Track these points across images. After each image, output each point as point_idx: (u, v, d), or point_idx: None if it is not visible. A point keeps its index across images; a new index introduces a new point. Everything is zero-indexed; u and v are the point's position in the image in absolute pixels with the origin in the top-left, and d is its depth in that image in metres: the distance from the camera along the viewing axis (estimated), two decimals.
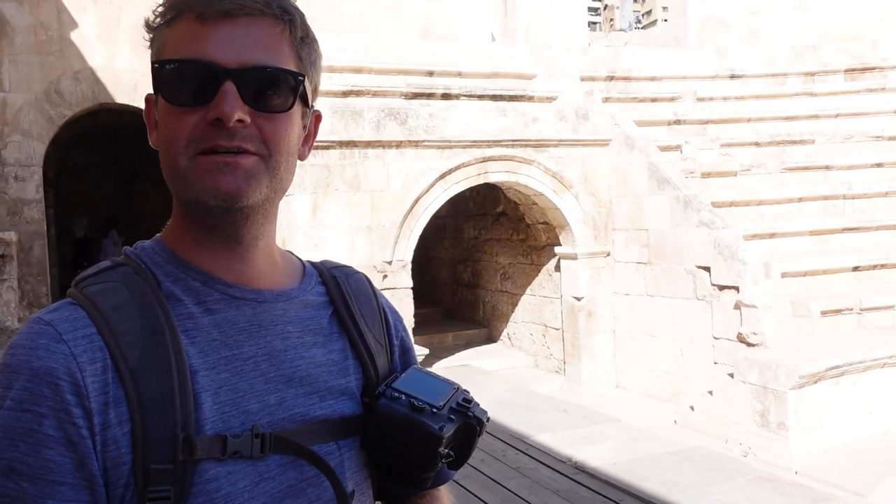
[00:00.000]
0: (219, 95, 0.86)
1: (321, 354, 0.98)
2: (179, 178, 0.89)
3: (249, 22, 0.89)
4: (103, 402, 0.81)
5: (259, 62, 0.89)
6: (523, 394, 6.67)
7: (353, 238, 8.11)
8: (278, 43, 0.91)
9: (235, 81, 0.87)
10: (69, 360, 0.81)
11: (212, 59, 0.87)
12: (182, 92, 0.88)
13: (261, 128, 0.89)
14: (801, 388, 6.67)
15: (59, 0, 9.11)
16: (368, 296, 1.11)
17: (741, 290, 7.58)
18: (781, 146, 10.73)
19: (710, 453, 5.05)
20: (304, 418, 0.93)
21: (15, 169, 8.89)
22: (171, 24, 0.91)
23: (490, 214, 11.51)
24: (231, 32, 0.88)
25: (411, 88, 9.63)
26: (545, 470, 4.48)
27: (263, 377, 0.91)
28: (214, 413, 0.86)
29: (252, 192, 0.89)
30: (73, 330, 0.83)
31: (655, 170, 8.77)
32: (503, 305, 11.36)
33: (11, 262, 8.19)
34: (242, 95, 0.87)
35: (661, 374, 8.78)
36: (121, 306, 0.86)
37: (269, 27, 0.91)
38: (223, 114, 0.86)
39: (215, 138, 0.87)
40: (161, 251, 0.94)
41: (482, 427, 1.01)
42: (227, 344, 0.90)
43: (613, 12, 60.89)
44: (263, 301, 0.95)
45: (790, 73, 12.11)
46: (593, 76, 11.18)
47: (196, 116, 0.87)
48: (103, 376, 0.82)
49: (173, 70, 0.88)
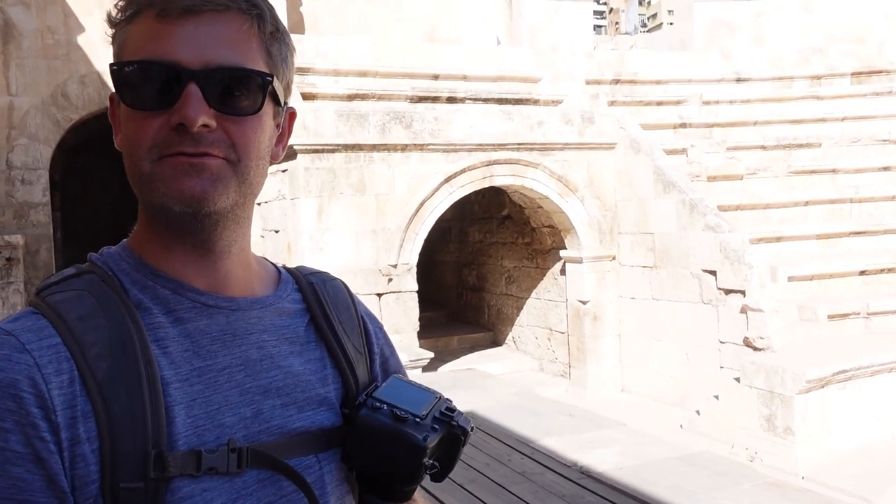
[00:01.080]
0: (182, 98, 0.81)
1: (298, 363, 0.94)
2: (144, 183, 0.84)
3: (214, 18, 0.83)
4: (71, 417, 0.76)
5: (225, 62, 0.83)
6: (528, 397, 6.66)
7: (359, 241, 8.10)
8: (245, 40, 0.86)
9: (199, 83, 0.82)
10: (33, 371, 0.75)
11: (174, 60, 0.82)
12: (143, 95, 0.83)
13: (228, 131, 0.84)
14: (808, 392, 6.64)
15: (66, 4, 9.14)
16: (346, 303, 1.06)
17: (747, 294, 7.55)
18: (788, 150, 10.70)
19: (716, 458, 5.03)
20: (282, 431, 0.89)
21: (22, 172, 8.92)
22: (132, 21, 0.85)
23: (495, 218, 11.50)
24: (194, 30, 0.83)
25: (416, 92, 9.64)
26: (550, 474, 4.46)
27: (239, 388, 0.87)
28: (188, 427, 0.81)
29: (219, 195, 0.84)
30: (38, 340, 0.78)
31: (661, 173, 8.75)
32: (508, 309, 11.34)
33: (18, 264, 8.21)
34: (207, 98, 0.82)
35: (667, 379, 8.75)
36: (87, 316, 0.81)
37: (236, 23, 0.85)
38: (186, 119, 0.81)
39: (179, 144, 0.82)
40: (128, 257, 0.89)
41: (466, 436, 0.97)
42: (199, 354, 0.86)
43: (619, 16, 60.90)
44: (237, 309, 0.91)
45: (796, 77, 12.09)
46: (599, 79, 11.18)
47: (158, 121, 0.82)
48: (70, 389, 0.77)
49: (133, 72, 0.83)
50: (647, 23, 57.61)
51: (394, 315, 8.23)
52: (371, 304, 8.08)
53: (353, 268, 8.01)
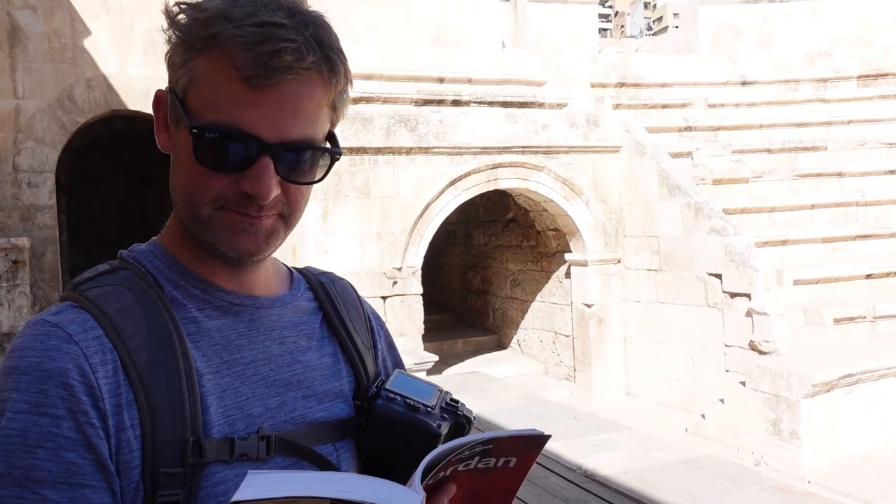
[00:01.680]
0: (255, 169, 0.85)
1: (315, 358, 0.99)
2: (199, 223, 0.89)
3: (295, 87, 0.85)
4: (116, 405, 0.80)
5: (300, 137, 0.86)
6: (533, 401, 6.65)
7: (363, 244, 8.11)
8: (320, 107, 0.88)
9: (273, 156, 0.85)
10: (82, 361, 0.80)
11: (253, 133, 0.84)
12: (218, 159, 0.85)
13: (288, 193, 0.89)
14: (814, 396, 6.61)
15: (73, 8, 9.18)
16: (354, 301, 1.11)
17: (753, 297, 7.53)
18: (793, 153, 10.67)
19: (721, 462, 5.01)
20: (305, 420, 0.94)
21: (28, 175, 8.95)
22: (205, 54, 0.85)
23: (500, 221, 11.50)
24: (277, 101, 0.84)
25: (422, 95, 9.64)
26: (555, 478, 4.45)
27: (264, 381, 0.92)
28: (220, 416, 0.86)
29: (270, 249, 0.92)
30: (83, 331, 0.82)
31: (666, 176, 8.74)
32: (513, 312, 11.33)
33: (24, 267, 8.24)
34: (278, 170, 0.86)
35: (672, 382, 8.73)
36: (126, 309, 0.85)
37: (317, 94, 0.87)
38: (259, 194, 0.85)
39: (245, 206, 0.87)
40: (161, 256, 0.94)
41: (470, 425, 1.02)
42: (228, 348, 0.91)
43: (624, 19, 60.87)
44: (260, 307, 0.96)
45: (802, 79, 12.07)
46: (604, 83, 11.17)
47: (228, 179, 0.86)
48: (115, 378, 0.81)
49: (214, 139, 0.85)
50: (653, 26, 57.55)
51: (398, 318, 8.23)
52: (376, 307, 8.03)
53: (358, 270, 8.02)
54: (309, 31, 0.84)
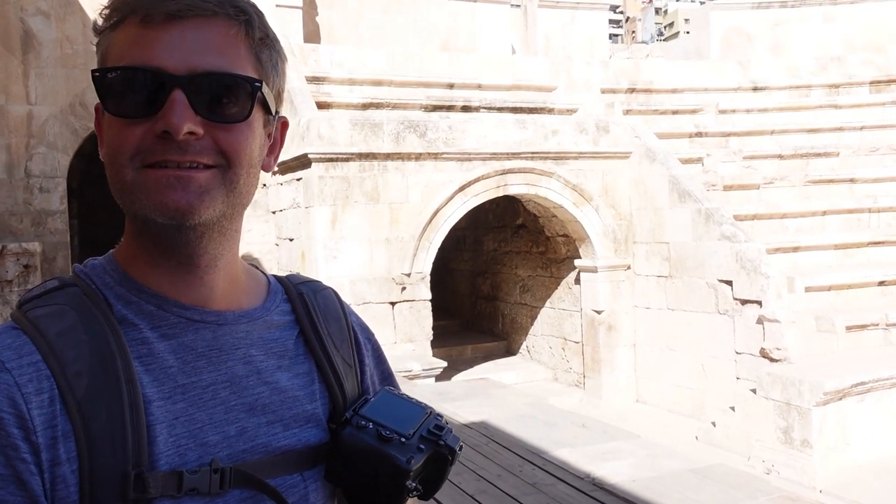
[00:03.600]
0: (167, 105, 0.78)
1: (286, 379, 0.91)
2: (126, 193, 0.82)
3: (200, 24, 0.81)
4: (51, 437, 0.75)
5: (211, 67, 0.80)
6: (542, 408, 6.61)
7: (372, 250, 8.11)
8: (233, 46, 0.83)
9: (185, 90, 0.79)
10: (13, 391, 0.74)
11: (158, 66, 0.79)
12: (126, 102, 0.80)
13: (216, 139, 0.81)
14: (826, 404, 6.56)
15: (85, 14, 9.25)
16: (337, 314, 1.03)
17: (764, 304, 7.48)
18: (805, 159, 10.61)
19: (732, 471, 4.96)
20: (267, 449, 0.87)
21: (40, 180, 9.02)
22: (116, 28, 0.82)
23: (509, 227, 11.48)
24: (179, 36, 0.80)
25: (431, 101, 9.66)
26: (563, 486, 4.42)
27: (223, 406, 0.85)
28: (170, 447, 0.80)
29: (205, 208, 0.81)
30: (17, 358, 0.76)
31: (676, 182, 8.71)
32: (522, 318, 11.30)
33: (35, 272, 8.29)
34: (193, 105, 0.79)
35: (683, 389, 8.68)
36: (67, 332, 0.79)
37: (223, 28, 0.82)
38: (171, 126, 0.78)
39: (164, 152, 0.79)
40: (112, 271, 0.87)
41: (454, 456, 0.94)
42: (184, 371, 0.84)
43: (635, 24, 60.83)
44: (224, 323, 0.88)
45: (814, 85, 12.01)
46: (614, 88, 11.16)
47: (142, 128, 0.79)
48: (50, 408, 0.75)
49: (116, 79, 0.80)
50: (664, 32, 57.47)
51: (407, 324, 8.22)
52: (384, 313, 8.08)
53: (366, 276, 8.02)
54: None
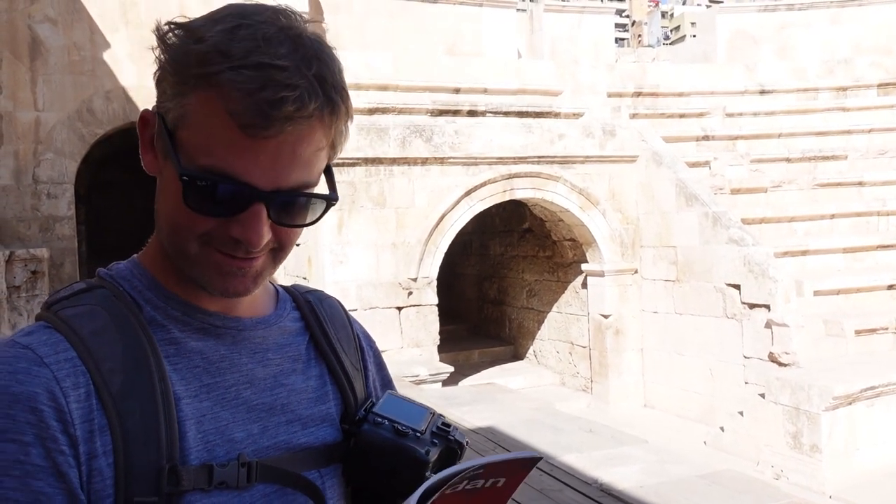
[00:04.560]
0: (246, 215, 0.80)
1: (300, 381, 0.96)
2: (184, 259, 0.85)
3: (295, 136, 0.79)
4: (88, 430, 0.77)
5: (295, 184, 0.82)
6: (549, 413, 6.59)
7: (378, 254, 8.11)
8: (318, 150, 0.83)
9: (266, 203, 0.81)
10: (52, 385, 0.76)
11: (247, 181, 0.79)
12: (208, 203, 0.81)
13: (279, 235, 0.85)
14: (835, 409, 6.51)
15: (92, 21, 9.29)
16: (343, 321, 1.07)
17: (772, 308, 7.44)
18: (813, 162, 10.57)
19: (740, 476, 4.93)
20: (288, 446, 0.90)
21: (48, 186, 9.05)
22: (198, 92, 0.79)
23: (516, 231, 11.46)
24: (275, 151, 0.79)
25: (437, 105, 9.66)
26: (570, 492, 4.40)
27: (245, 405, 0.89)
28: (199, 442, 0.83)
29: (258, 286, 0.88)
30: (55, 353, 0.78)
31: (683, 186, 8.67)
32: (529, 323, 11.28)
33: (43, 277, 8.31)
34: (270, 215, 0.82)
35: (691, 394, 8.63)
36: (100, 331, 0.81)
37: (316, 139, 0.82)
38: (250, 242, 0.81)
39: (234, 250, 0.83)
40: (141, 276, 0.90)
41: (463, 450, 0.98)
42: (209, 371, 0.87)
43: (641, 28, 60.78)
44: (243, 329, 0.92)
45: (822, 88, 11.96)
46: (620, 92, 11.13)
47: (216, 220, 0.82)
48: (87, 402, 0.77)
49: (205, 186, 0.80)
50: (670, 35, 57.41)
51: (414, 328, 8.21)
52: (391, 318, 8.07)
53: (372, 281, 8.01)
54: (312, 70, 0.79)
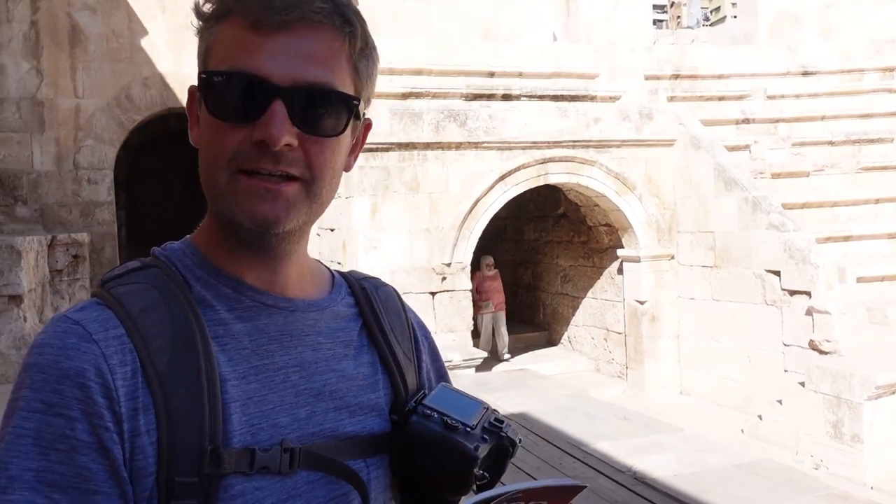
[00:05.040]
0: (267, 115, 0.81)
1: (351, 368, 0.94)
2: (217, 194, 0.85)
3: (307, 33, 0.82)
4: (133, 408, 0.77)
5: (314, 80, 0.82)
6: (582, 400, 6.54)
7: (412, 240, 8.10)
8: (336, 58, 0.85)
9: (286, 101, 0.81)
10: (100, 361, 0.77)
11: (262, 74, 0.81)
12: (228, 106, 0.82)
13: (307, 150, 0.84)
14: (878, 398, 6.37)
15: (130, 8, 9.39)
16: (398, 309, 1.05)
17: (813, 295, 7.28)
18: (857, 145, 10.28)
19: (778, 466, 4.84)
20: (334, 434, 0.89)
21: (88, 172, 9.20)
22: (221, 21, 0.84)
23: (551, 216, 11.37)
24: (286, 45, 0.82)
25: (471, 89, 9.59)
26: (603, 479, 4.36)
27: (293, 389, 0.88)
28: (243, 425, 0.82)
29: (290, 219, 0.85)
30: (104, 330, 0.79)
31: (722, 170, 8.51)
32: (564, 308, 11.20)
33: (84, 262, 8.47)
34: (292, 116, 0.81)
35: (728, 382, 8.51)
36: (150, 309, 0.82)
37: (329, 40, 0.84)
38: (270, 138, 0.80)
39: (259, 160, 0.82)
40: (192, 254, 0.90)
41: (515, 448, 0.96)
42: (257, 353, 0.86)
43: (681, 10, 59.68)
44: (295, 310, 0.92)
45: (867, 69, 11.60)
46: (658, 75, 10.92)
47: (241, 133, 0.82)
48: (133, 380, 0.78)
49: (221, 82, 0.83)
50: (710, 16, 56.31)
51: (447, 314, 8.21)
52: (424, 303, 8.07)
53: (406, 266, 8.02)
54: None
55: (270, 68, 0.81)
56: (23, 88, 8.92)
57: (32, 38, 8.97)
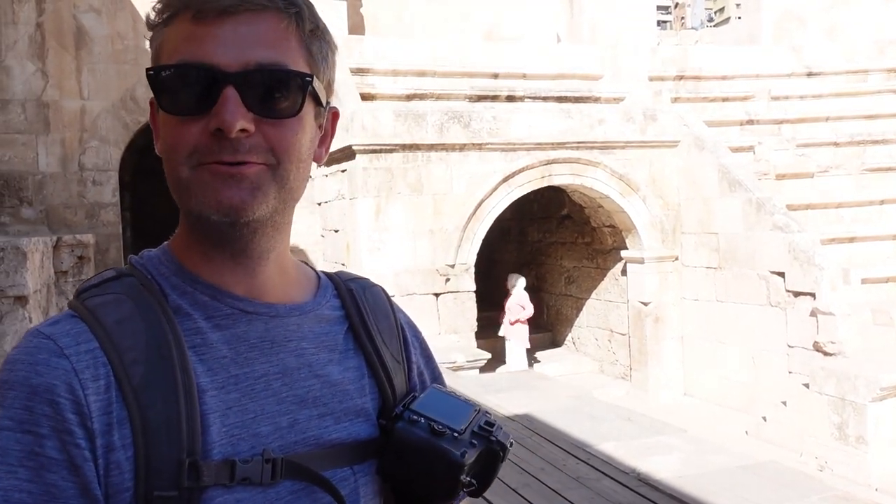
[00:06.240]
0: (219, 103, 0.79)
1: (336, 373, 0.92)
2: (182, 190, 0.83)
3: (251, 18, 0.81)
4: (107, 423, 0.76)
5: (263, 62, 0.81)
6: (586, 401, 6.54)
7: (416, 241, 8.11)
8: (284, 39, 0.83)
9: (237, 86, 0.79)
10: (71, 377, 0.75)
11: (210, 63, 0.80)
12: (180, 100, 0.81)
13: (267, 135, 0.81)
14: (882, 400, 6.36)
15: (135, 10, 9.42)
16: (386, 310, 1.03)
17: (818, 296, 7.27)
18: (862, 146, 10.27)
19: (783, 468, 4.84)
20: (318, 442, 0.87)
21: (93, 173, 9.23)
22: (168, 24, 0.83)
23: (554, 217, 11.37)
24: (231, 31, 0.80)
25: (475, 91, 9.60)
26: (607, 481, 4.36)
27: (275, 397, 0.85)
28: (223, 436, 0.80)
29: (258, 204, 0.82)
30: (76, 344, 0.77)
31: (726, 171, 8.50)
32: (567, 310, 11.20)
33: (89, 263, 8.50)
34: (245, 101, 0.80)
35: (732, 383, 8.50)
36: (124, 320, 0.80)
37: (274, 22, 0.82)
38: (224, 124, 0.78)
39: (218, 152, 0.80)
40: (168, 262, 0.88)
41: (505, 452, 0.94)
42: (237, 361, 0.84)
43: (684, 10, 59.59)
44: (276, 315, 0.89)
45: (872, 70, 11.58)
46: (662, 76, 10.93)
47: (197, 126, 0.80)
48: (106, 395, 0.76)
49: (170, 76, 0.81)
50: (714, 17, 56.22)
51: (451, 315, 8.21)
52: (428, 304, 8.08)
53: (410, 268, 8.02)
54: None
55: (218, 56, 0.80)
56: (28, 90, 8.96)
57: (38, 40, 9.00)
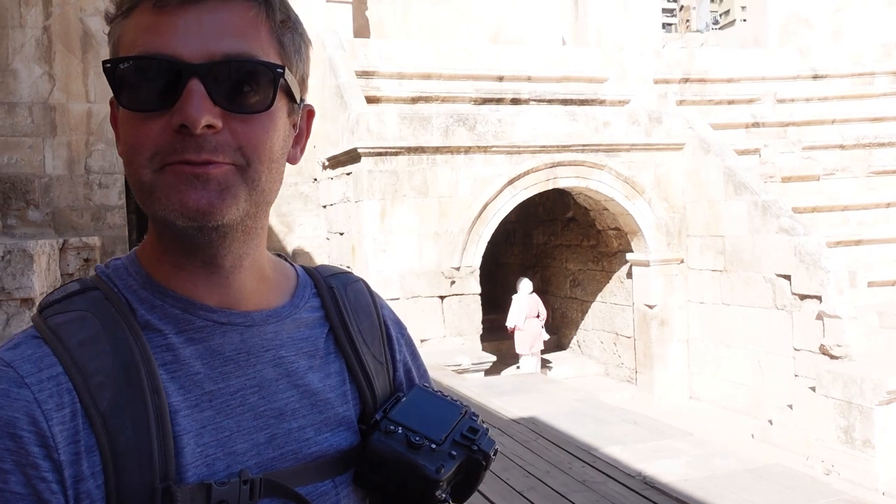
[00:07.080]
0: (183, 97, 0.73)
1: (317, 380, 0.87)
2: (145, 194, 0.76)
3: (217, 7, 0.75)
4: (74, 452, 0.72)
5: (230, 53, 0.75)
6: (592, 404, 6.53)
7: (421, 244, 8.11)
8: (253, 29, 0.77)
9: (202, 79, 0.73)
10: (33, 408, 0.71)
11: (173, 54, 0.73)
12: (140, 95, 0.74)
13: (235, 132, 0.75)
14: (889, 403, 6.33)
15: None
16: (368, 308, 0.98)
17: (824, 299, 7.25)
18: (868, 149, 10.24)
19: (788, 472, 4.82)
20: (297, 456, 0.83)
21: (99, 176, 9.26)
22: (128, 15, 0.77)
23: (559, 220, 11.37)
24: (195, 20, 0.74)
25: (480, 94, 9.61)
26: (613, 484, 4.35)
27: (252, 412, 0.81)
28: (197, 457, 0.76)
29: (227, 208, 0.76)
30: (38, 371, 0.73)
31: (732, 174, 8.49)
32: (573, 312, 11.19)
33: (95, 265, 8.52)
34: (211, 95, 0.73)
35: (738, 386, 8.48)
36: (89, 341, 0.76)
37: (241, 11, 0.76)
38: (188, 119, 0.72)
39: (183, 151, 0.73)
40: (136, 273, 0.82)
41: (488, 461, 0.90)
42: (211, 377, 0.80)
43: (690, 13, 59.53)
44: (252, 324, 0.84)
45: (878, 73, 11.57)
46: (667, 78, 10.93)
47: (159, 124, 0.74)
48: (72, 423, 0.73)
49: (129, 69, 0.75)
50: (720, 20, 56.15)
51: (456, 317, 8.21)
52: (433, 307, 8.08)
53: (415, 270, 8.03)
54: None
55: (180, 46, 0.74)
56: (35, 93, 8.99)
57: (45, 44, 9.04)
